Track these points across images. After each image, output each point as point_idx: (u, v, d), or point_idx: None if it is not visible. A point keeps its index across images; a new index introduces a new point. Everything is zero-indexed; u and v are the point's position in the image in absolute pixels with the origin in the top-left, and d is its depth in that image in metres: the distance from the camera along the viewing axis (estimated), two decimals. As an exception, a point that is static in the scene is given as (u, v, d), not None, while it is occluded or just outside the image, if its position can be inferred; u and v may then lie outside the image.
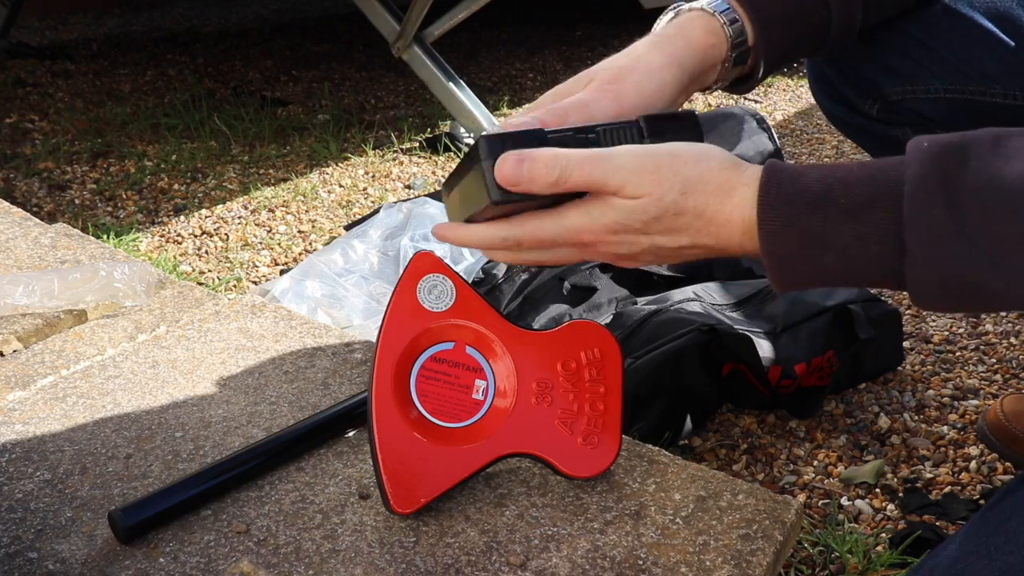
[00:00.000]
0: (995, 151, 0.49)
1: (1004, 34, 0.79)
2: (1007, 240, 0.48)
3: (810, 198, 0.53)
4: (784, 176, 0.54)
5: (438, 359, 0.73)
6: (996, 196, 0.48)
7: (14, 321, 1.03)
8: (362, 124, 2.31)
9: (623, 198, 0.56)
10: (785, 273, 0.55)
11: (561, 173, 0.55)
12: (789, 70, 2.92)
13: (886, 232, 0.51)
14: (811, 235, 0.53)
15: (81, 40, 3.29)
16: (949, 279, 0.50)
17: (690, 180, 0.56)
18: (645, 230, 0.57)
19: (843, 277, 0.54)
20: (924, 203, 0.49)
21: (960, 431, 1.11)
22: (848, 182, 0.52)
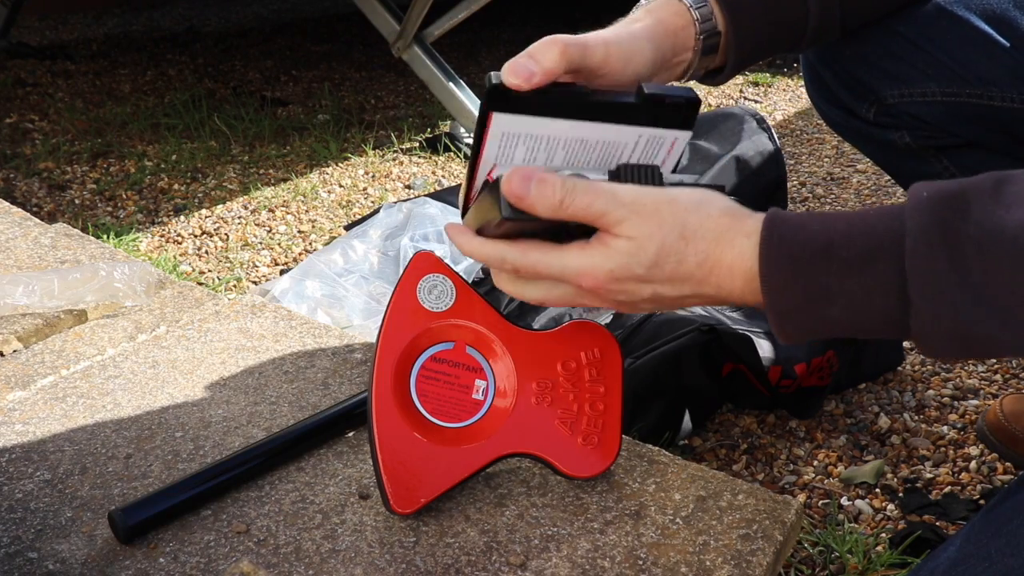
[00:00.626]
0: (996, 198, 0.48)
1: (1001, 36, 0.79)
2: (1012, 291, 0.47)
3: (812, 251, 0.53)
4: (785, 228, 0.54)
5: (438, 359, 0.73)
6: (999, 247, 0.47)
7: (14, 321, 1.03)
8: (362, 124, 2.31)
9: (623, 238, 0.56)
10: (790, 326, 0.55)
11: (565, 196, 0.55)
12: (789, 70, 2.92)
13: (890, 285, 0.50)
14: (815, 289, 0.53)
15: (81, 40, 3.29)
16: (956, 331, 0.49)
17: (689, 225, 0.56)
18: (647, 277, 0.57)
19: (849, 328, 0.54)
20: (926, 256, 0.49)
21: (960, 431, 1.11)
22: (849, 235, 0.52)
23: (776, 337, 0.57)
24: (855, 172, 1.99)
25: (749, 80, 2.82)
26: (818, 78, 0.90)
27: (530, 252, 0.59)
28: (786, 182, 1.60)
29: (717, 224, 0.56)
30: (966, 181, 0.50)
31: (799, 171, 2.01)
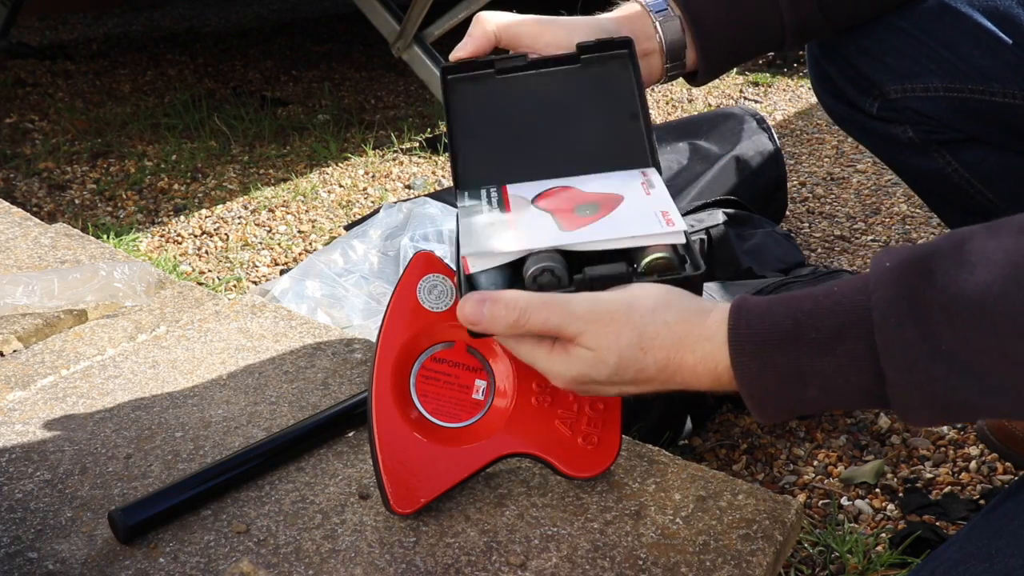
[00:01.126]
0: (958, 261, 0.48)
1: (1003, 33, 0.79)
2: (982, 353, 0.47)
3: (780, 336, 0.53)
4: (752, 316, 0.54)
5: (438, 359, 0.73)
6: (965, 312, 0.47)
7: (14, 321, 1.03)
8: (362, 124, 2.31)
9: (583, 347, 0.58)
10: (767, 410, 0.55)
11: (519, 316, 0.58)
12: (789, 70, 2.92)
13: (863, 361, 0.50)
14: (788, 373, 0.53)
15: (81, 40, 3.29)
16: (934, 401, 0.49)
17: (646, 335, 0.57)
18: (610, 382, 0.59)
19: (829, 405, 0.54)
20: (895, 328, 0.49)
21: (960, 431, 1.11)
22: (816, 314, 0.52)
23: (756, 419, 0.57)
24: (855, 172, 1.99)
25: (749, 80, 2.82)
26: (823, 73, 0.91)
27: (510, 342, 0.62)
28: (786, 182, 1.61)
29: (674, 331, 0.57)
30: (926, 245, 0.50)
31: (799, 171, 2.01)
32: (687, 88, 2.73)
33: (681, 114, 2.50)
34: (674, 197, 0.67)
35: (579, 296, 0.59)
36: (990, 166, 0.87)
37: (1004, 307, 0.46)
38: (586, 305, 0.58)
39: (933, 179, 0.90)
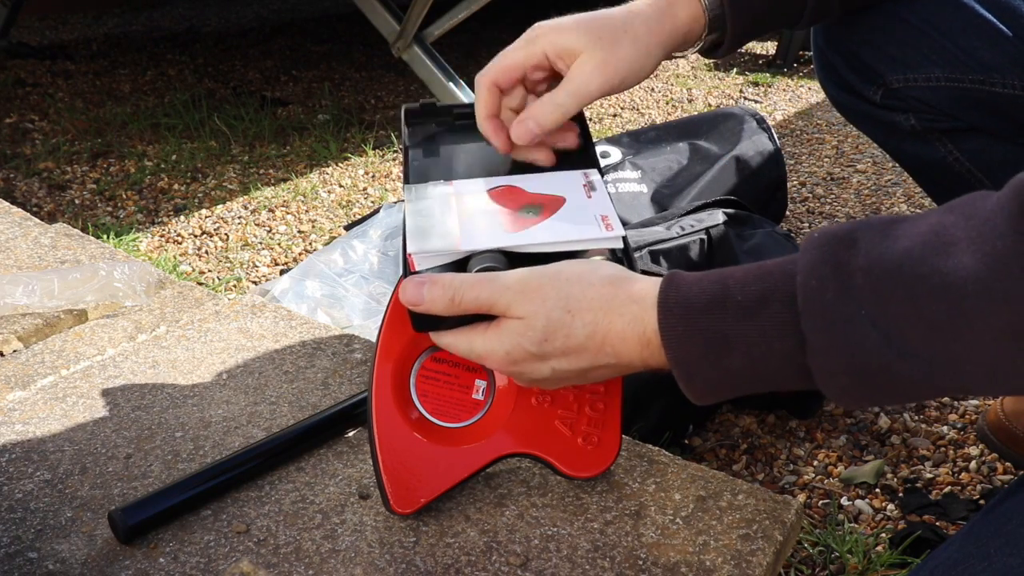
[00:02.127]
0: (883, 233, 0.49)
1: (1003, 24, 0.80)
2: (900, 317, 0.47)
3: (707, 300, 0.53)
4: (682, 282, 0.55)
5: (438, 359, 0.73)
6: (887, 275, 0.47)
7: (14, 321, 1.03)
8: (362, 124, 2.31)
9: (513, 319, 0.59)
10: (694, 380, 0.55)
11: (454, 294, 0.59)
12: (789, 70, 2.92)
13: (785, 325, 0.50)
14: (712, 337, 0.53)
15: (81, 40, 3.29)
16: (853, 366, 0.49)
17: (572, 296, 0.57)
18: (541, 355, 0.59)
19: (755, 378, 0.53)
20: (816, 290, 0.49)
21: (960, 431, 1.11)
22: (744, 280, 0.52)
23: (688, 397, 0.56)
24: (855, 172, 1.99)
25: (749, 80, 2.82)
26: (827, 63, 0.92)
27: (444, 337, 0.63)
28: (786, 182, 1.61)
29: (600, 293, 0.57)
30: (857, 222, 0.51)
31: (799, 171, 2.01)
32: (687, 88, 2.73)
33: (681, 114, 2.50)
34: (674, 197, 0.68)
35: (509, 272, 0.61)
36: (991, 156, 0.87)
37: (921, 269, 0.46)
38: (515, 277, 0.60)
39: (934, 168, 0.91)
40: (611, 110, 2.52)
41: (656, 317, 0.55)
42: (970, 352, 0.46)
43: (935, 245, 0.46)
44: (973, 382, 0.48)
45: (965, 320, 0.45)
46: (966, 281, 0.44)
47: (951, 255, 0.45)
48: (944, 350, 0.46)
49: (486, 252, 0.64)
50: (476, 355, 0.62)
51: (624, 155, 1.53)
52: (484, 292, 0.59)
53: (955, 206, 0.48)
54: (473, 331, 0.62)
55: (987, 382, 0.48)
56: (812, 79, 2.82)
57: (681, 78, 2.87)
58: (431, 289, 0.60)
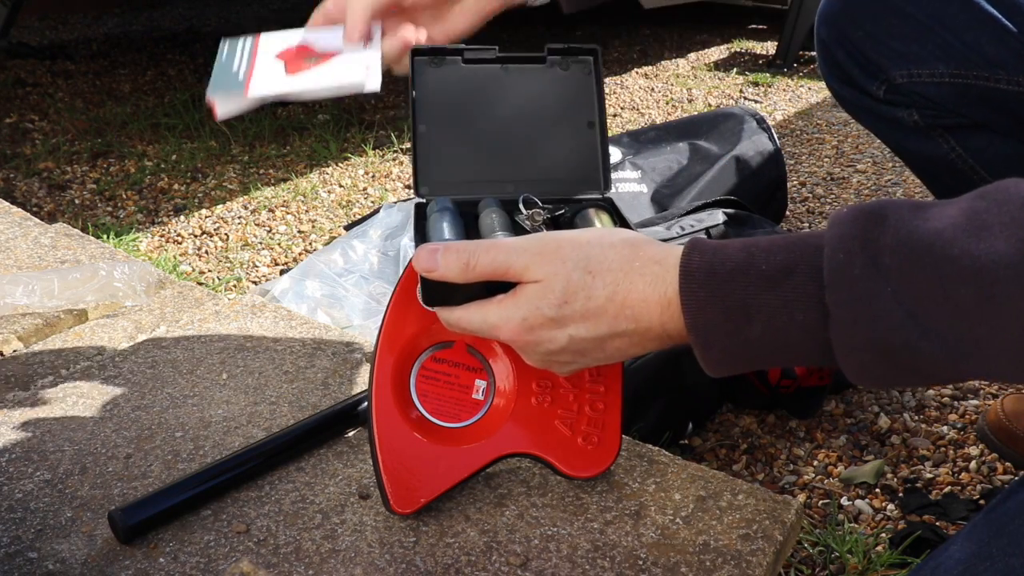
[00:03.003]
0: (913, 212, 0.48)
1: (1009, 20, 0.80)
2: (926, 296, 0.46)
3: (732, 267, 0.52)
4: (706, 247, 0.54)
5: (438, 359, 0.72)
6: (916, 254, 0.47)
7: (14, 321, 1.03)
8: (362, 124, 2.31)
9: (530, 282, 0.57)
10: (712, 348, 0.54)
11: (469, 258, 0.58)
12: (789, 70, 2.92)
13: (809, 297, 0.50)
14: (734, 304, 0.52)
15: (81, 40, 3.29)
16: (876, 342, 0.48)
17: (593, 258, 0.56)
18: (559, 318, 0.57)
19: (773, 350, 0.52)
20: (844, 264, 0.48)
21: (960, 431, 1.11)
22: (769, 250, 0.52)
23: (703, 368, 0.55)
24: (855, 172, 1.99)
25: (749, 80, 2.82)
26: (831, 58, 0.92)
27: (455, 312, 0.61)
28: (786, 182, 1.61)
29: (620, 253, 0.56)
30: (885, 200, 0.50)
31: (799, 171, 2.01)
32: (687, 88, 2.73)
33: (681, 114, 2.50)
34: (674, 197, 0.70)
35: (523, 236, 0.60)
36: (994, 153, 0.87)
37: (951, 251, 0.45)
38: (531, 240, 0.58)
39: (937, 164, 0.91)
40: (611, 110, 2.52)
41: (678, 280, 0.54)
42: (996, 337, 0.45)
43: (966, 228, 0.46)
44: (996, 367, 0.47)
45: (993, 305, 0.44)
46: (997, 265, 0.44)
47: (983, 239, 0.45)
48: (969, 333, 0.46)
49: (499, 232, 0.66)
50: (490, 325, 0.60)
51: (624, 155, 1.53)
52: (500, 255, 0.58)
53: (987, 192, 0.48)
54: (488, 302, 0.60)
55: (1011, 368, 0.47)
56: (812, 79, 2.82)
57: (681, 78, 2.87)
58: (445, 255, 0.59)
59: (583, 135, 0.75)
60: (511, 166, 0.74)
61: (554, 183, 0.74)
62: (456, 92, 0.75)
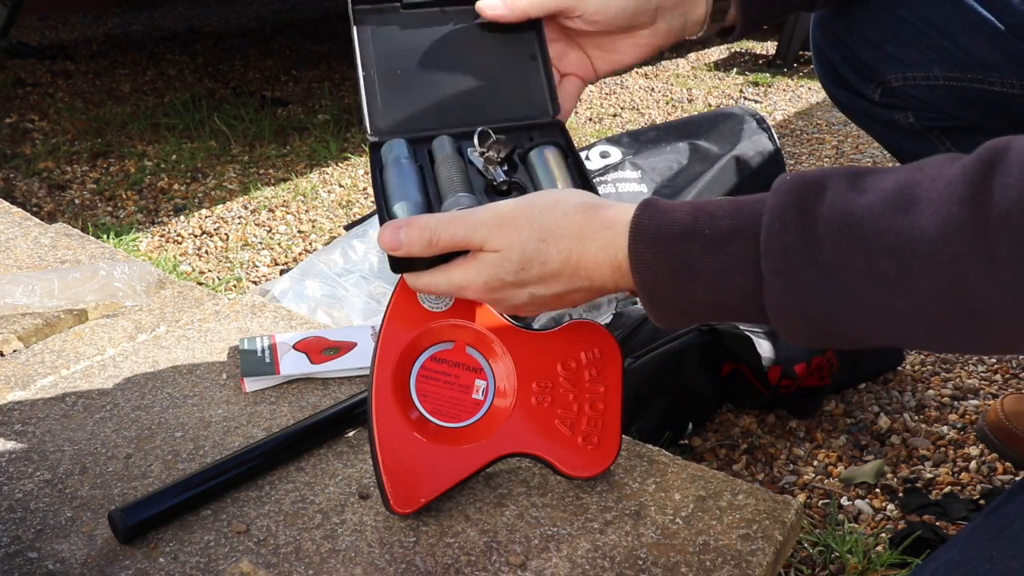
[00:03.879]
0: (852, 184, 0.50)
1: (1002, 23, 0.80)
2: (855, 269, 0.48)
3: (678, 230, 0.55)
4: (656, 210, 0.57)
5: (438, 359, 0.72)
6: (848, 226, 0.49)
7: (14, 321, 1.03)
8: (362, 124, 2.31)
9: (489, 251, 0.61)
10: (659, 305, 0.57)
11: (431, 235, 0.61)
12: (789, 70, 2.92)
13: (746, 262, 0.52)
14: (679, 266, 0.54)
15: (81, 40, 3.29)
16: (803, 308, 0.51)
17: (547, 227, 0.59)
18: (518, 282, 0.61)
19: (716, 309, 0.55)
20: (780, 232, 0.50)
21: (960, 431, 1.11)
22: (715, 215, 0.54)
23: (651, 319, 0.59)
24: (855, 172, 1.99)
25: (749, 80, 2.82)
26: (827, 61, 0.92)
27: (422, 277, 0.65)
28: (786, 182, 1.60)
29: (573, 221, 0.59)
30: (827, 169, 0.53)
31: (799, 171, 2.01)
32: (687, 88, 2.73)
33: (681, 114, 2.50)
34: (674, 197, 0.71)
35: (482, 207, 0.63)
36: None
37: (879, 224, 0.48)
38: (489, 212, 0.61)
39: None
40: (611, 110, 2.52)
41: (627, 243, 0.57)
42: (912, 309, 0.48)
43: (897, 203, 0.48)
44: (914, 337, 0.50)
45: (911, 278, 0.47)
46: (918, 241, 0.46)
47: (910, 214, 0.47)
48: (889, 304, 0.48)
49: (461, 195, 0.68)
50: (456, 287, 0.64)
51: (624, 155, 1.53)
52: (460, 229, 0.61)
53: (926, 165, 0.49)
54: (450, 265, 0.63)
55: (927, 339, 0.49)
56: (812, 79, 2.82)
57: (681, 78, 2.87)
58: (408, 232, 0.62)
59: (527, 67, 0.76)
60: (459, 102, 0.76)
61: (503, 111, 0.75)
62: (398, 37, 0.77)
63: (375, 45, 0.76)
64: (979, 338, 0.48)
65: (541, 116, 0.76)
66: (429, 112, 0.75)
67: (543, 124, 0.75)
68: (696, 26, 0.77)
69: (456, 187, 0.68)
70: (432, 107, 0.75)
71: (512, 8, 0.73)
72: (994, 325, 0.46)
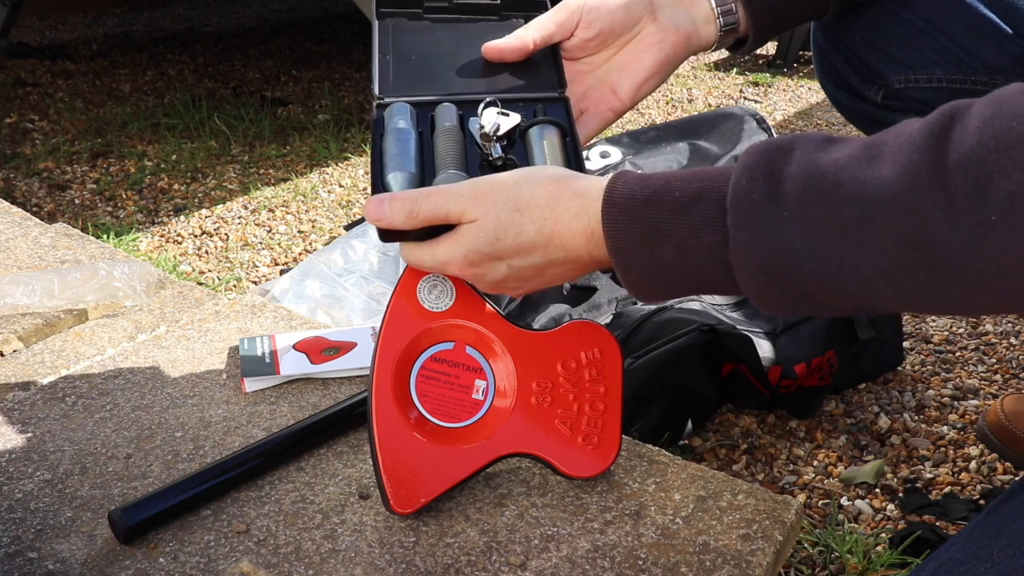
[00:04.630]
0: (820, 146, 0.51)
1: (1007, 24, 0.79)
2: (818, 220, 0.49)
3: (649, 193, 0.56)
4: (630, 177, 0.58)
5: (438, 359, 0.72)
6: (812, 180, 0.49)
7: (14, 321, 1.03)
8: (362, 124, 2.31)
9: (467, 223, 0.62)
10: (631, 271, 0.57)
11: (412, 205, 0.63)
12: (789, 70, 2.92)
13: (713, 220, 0.53)
14: (649, 228, 0.55)
15: (81, 40, 3.29)
16: (768, 264, 0.51)
17: (521, 197, 0.61)
18: (495, 255, 0.62)
19: (685, 273, 0.56)
20: (745, 189, 0.51)
21: (960, 431, 1.11)
22: (685, 178, 0.55)
23: (627, 289, 0.59)
24: (855, 172, 1.99)
25: (749, 80, 2.82)
26: (828, 63, 0.92)
27: (413, 251, 0.66)
28: (786, 182, 1.60)
29: (546, 190, 0.60)
30: (799, 134, 0.53)
31: (799, 171, 2.01)
32: (687, 88, 2.73)
33: (681, 114, 2.50)
34: None
35: (461, 181, 0.64)
36: None
37: (842, 176, 0.48)
38: (467, 185, 0.63)
39: None
40: (611, 110, 2.52)
41: (600, 208, 0.57)
42: (874, 258, 0.48)
43: (861, 157, 0.48)
44: (876, 290, 0.49)
45: (872, 226, 0.47)
46: (879, 189, 0.47)
47: (872, 166, 0.48)
48: (851, 255, 0.48)
49: (451, 171, 0.69)
50: (441, 263, 0.65)
51: (624, 155, 1.53)
52: (440, 201, 0.62)
53: (893, 127, 0.50)
54: (435, 241, 0.64)
55: (890, 291, 0.49)
56: (812, 79, 2.82)
57: (681, 78, 2.87)
58: (391, 205, 0.63)
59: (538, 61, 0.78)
60: (467, 74, 0.77)
61: (510, 84, 0.77)
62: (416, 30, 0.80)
63: (394, 37, 0.78)
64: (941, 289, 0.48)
65: (548, 90, 0.76)
66: (437, 79, 0.77)
67: (549, 98, 0.76)
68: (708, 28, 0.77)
69: (450, 162, 0.69)
70: (440, 76, 0.77)
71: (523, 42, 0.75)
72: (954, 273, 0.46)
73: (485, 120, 0.72)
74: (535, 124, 0.72)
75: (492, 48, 0.76)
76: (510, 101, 0.74)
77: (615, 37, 0.76)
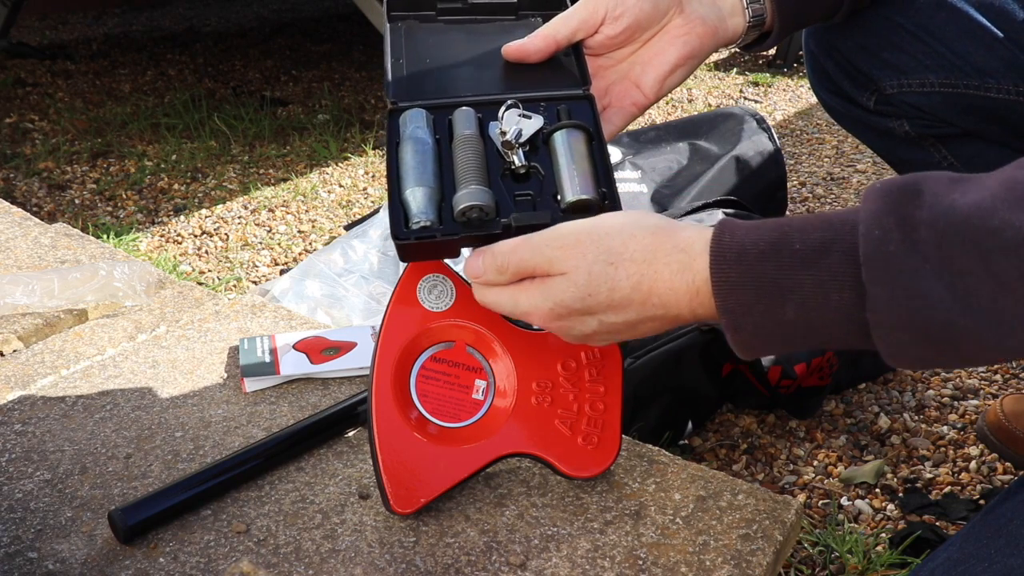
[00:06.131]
0: (949, 185, 0.47)
1: (997, 28, 0.79)
2: (967, 272, 0.44)
3: (764, 246, 0.51)
4: (737, 228, 0.53)
5: (438, 359, 0.72)
6: (954, 227, 0.45)
7: (14, 321, 1.03)
8: (362, 124, 2.31)
9: (556, 275, 0.58)
10: (744, 332, 0.52)
11: (502, 260, 0.60)
12: (789, 70, 2.92)
13: (844, 276, 0.48)
14: (767, 284, 0.50)
15: (81, 40, 3.29)
16: (915, 321, 0.46)
17: (614, 250, 0.56)
18: (586, 309, 0.58)
19: (808, 333, 0.51)
20: (880, 240, 0.46)
21: (960, 431, 1.11)
22: (803, 228, 0.50)
23: (734, 350, 0.54)
24: (855, 172, 1.99)
25: (749, 80, 2.82)
26: (820, 68, 0.91)
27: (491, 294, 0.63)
28: (786, 182, 1.60)
29: (642, 244, 0.56)
30: (920, 174, 0.49)
31: (799, 171, 2.01)
32: (687, 88, 2.73)
33: (681, 114, 2.50)
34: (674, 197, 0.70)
35: (545, 230, 0.60)
36: (985, 161, 0.87)
37: (992, 223, 0.44)
38: (551, 235, 0.59)
39: None
40: (611, 110, 2.52)
41: (707, 264, 0.53)
42: None
43: (1006, 198, 0.44)
44: None
45: None
46: None
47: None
48: (1014, 308, 0.44)
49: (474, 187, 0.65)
50: (522, 311, 0.61)
51: (624, 155, 1.53)
52: (526, 254, 0.59)
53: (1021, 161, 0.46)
54: (518, 288, 0.61)
55: None
56: (812, 79, 2.82)
57: (681, 78, 2.87)
58: (484, 259, 0.61)
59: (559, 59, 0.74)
60: (484, 74, 0.74)
61: (530, 83, 0.72)
62: (429, 31, 0.78)
63: (407, 40, 0.76)
64: None
65: (571, 88, 0.72)
66: (453, 83, 0.73)
67: (574, 96, 0.71)
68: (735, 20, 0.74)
69: (471, 176, 0.66)
70: (456, 79, 0.73)
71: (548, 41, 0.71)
72: None
73: (506, 125, 0.68)
74: (559, 129, 0.68)
75: (514, 48, 0.72)
76: (532, 101, 0.70)
77: (642, 31, 0.73)
